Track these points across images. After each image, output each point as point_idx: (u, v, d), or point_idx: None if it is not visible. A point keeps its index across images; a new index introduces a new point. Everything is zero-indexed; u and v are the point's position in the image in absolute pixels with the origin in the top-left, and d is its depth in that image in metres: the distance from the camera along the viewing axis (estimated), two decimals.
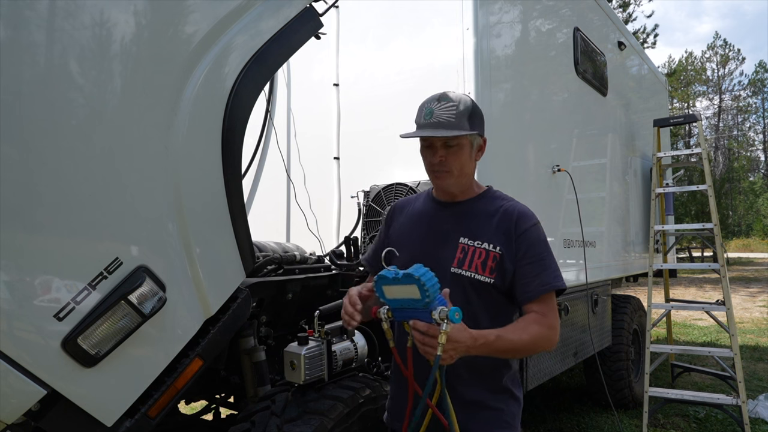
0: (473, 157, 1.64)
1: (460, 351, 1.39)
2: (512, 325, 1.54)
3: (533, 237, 1.58)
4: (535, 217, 1.61)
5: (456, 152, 1.59)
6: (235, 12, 1.70)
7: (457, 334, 1.36)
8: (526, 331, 1.51)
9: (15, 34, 1.28)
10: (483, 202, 1.66)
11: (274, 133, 3.29)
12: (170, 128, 1.54)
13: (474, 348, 1.42)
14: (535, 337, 1.51)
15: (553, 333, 1.55)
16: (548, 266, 1.57)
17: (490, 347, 1.45)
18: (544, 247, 1.59)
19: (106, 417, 1.43)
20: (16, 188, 1.28)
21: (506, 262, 1.57)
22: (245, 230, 1.76)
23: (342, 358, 1.86)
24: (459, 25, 2.75)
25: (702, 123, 4.99)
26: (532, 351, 1.57)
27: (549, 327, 1.54)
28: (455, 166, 1.60)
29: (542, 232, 1.61)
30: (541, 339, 1.53)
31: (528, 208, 1.64)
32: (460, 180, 1.63)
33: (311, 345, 1.80)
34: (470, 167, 1.65)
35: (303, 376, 1.75)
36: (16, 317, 1.29)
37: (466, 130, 1.56)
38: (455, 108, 1.57)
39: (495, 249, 1.57)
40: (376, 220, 2.81)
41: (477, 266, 1.57)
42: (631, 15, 22.41)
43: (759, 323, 9.66)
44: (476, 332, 1.42)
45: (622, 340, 4.65)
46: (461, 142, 1.59)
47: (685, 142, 36.16)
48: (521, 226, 1.58)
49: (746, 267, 24.41)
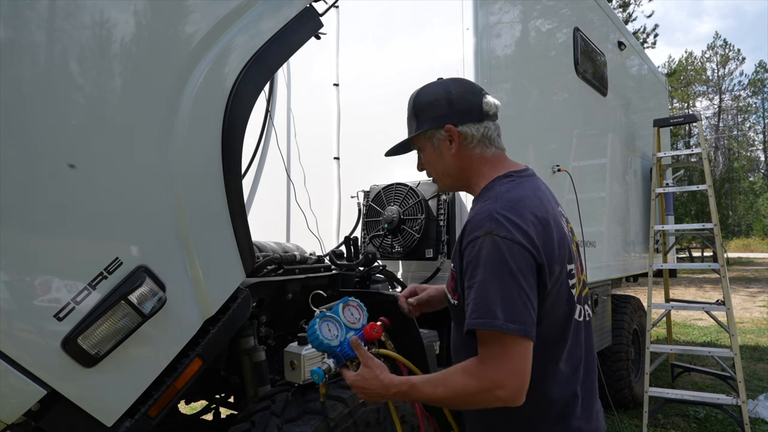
0: (443, 153, 1.40)
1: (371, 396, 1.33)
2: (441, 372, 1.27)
3: (470, 255, 1.22)
4: (485, 226, 1.21)
5: (423, 156, 1.46)
6: (235, 12, 1.70)
7: (360, 381, 1.31)
8: (446, 383, 1.21)
9: (15, 34, 1.28)
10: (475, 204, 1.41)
11: (274, 133, 3.29)
12: (170, 128, 1.54)
13: (387, 396, 1.31)
14: (459, 391, 1.19)
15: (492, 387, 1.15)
16: (474, 297, 1.18)
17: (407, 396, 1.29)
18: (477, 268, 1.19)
19: (106, 417, 1.43)
20: (16, 188, 1.28)
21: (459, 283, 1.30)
22: (245, 230, 1.76)
23: None
24: (459, 25, 2.75)
25: (702, 123, 4.99)
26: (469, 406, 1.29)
27: (481, 379, 1.16)
28: (430, 169, 1.48)
29: (486, 245, 1.19)
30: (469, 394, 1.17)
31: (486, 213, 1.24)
32: (444, 180, 1.47)
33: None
34: (447, 164, 1.41)
35: (303, 376, 1.75)
36: (16, 317, 1.29)
37: (411, 133, 1.45)
38: (407, 112, 1.47)
39: (453, 266, 1.35)
40: (376, 220, 2.81)
41: (448, 285, 1.41)
42: (631, 15, 22.42)
43: (759, 323, 9.66)
44: (389, 380, 1.28)
45: (622, 340, 4.65)
46: (418, 145, 1.46)
47: (685, 142, 36.16)
48: (465, 239, 1.26)
49: (746, 267, 24.41)
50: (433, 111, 1.39)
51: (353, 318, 1.46)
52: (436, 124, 1.39)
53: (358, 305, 1.50)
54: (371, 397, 1.33)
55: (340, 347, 1.40)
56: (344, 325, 1.44)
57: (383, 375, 1.30)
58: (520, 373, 1.16)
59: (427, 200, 2.65)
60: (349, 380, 1.34)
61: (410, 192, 2.70)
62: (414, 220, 2.65)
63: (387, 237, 2.76)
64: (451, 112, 1.38)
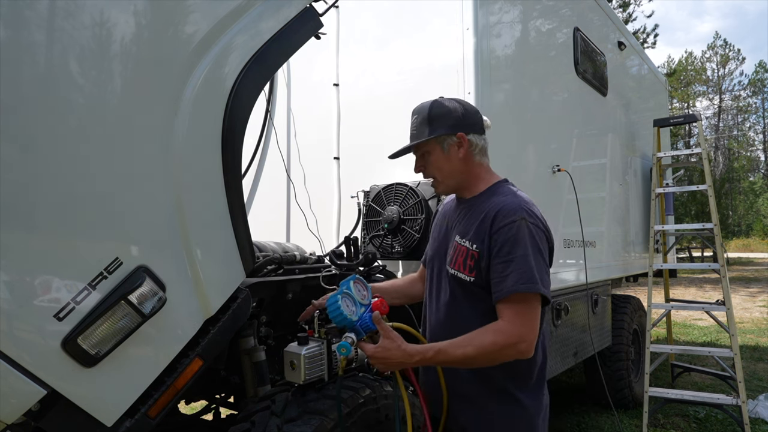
0: (451, 157, 1.62)
1: (392, 365, 1.49)
2: (465, 335, 1.46)
3: (507, 235, 1.47)
4: (519, 214, 1.50)
5: (429, 160, 1.65)
6: (235, 12, 1.70)
7: (381, 352, 1.46)
8: (474, 344, 1.42)
9: (15, 34, 1.28)
10: (484, 198, 1.63)
11: (274, 133, 3.29)
12: (170, 128, 1.54)
13: (410, 363, 1.48)
14: (487, 348, 1.41)
15: (514, 340, 1.42)
16: (518, 267, 1.44)
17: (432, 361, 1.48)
18: (519, 246, 1.46)
19: (106, 417, 1.43)
20: (16, 188, 1.28)
21: (482, 261, 1.52)
22: (245, 230, 1.76)
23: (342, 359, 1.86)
24: (459, 25, 2.75)
25: (702, 123, 4.99)
26: (487, 363, 1.48)
27: (506, 335, 1.42)
28: (434, 171, 1.65)
29: (524, 228, 1.48)
30: (494, 351, 1.42)
31: (516, 203, 1.53)
32: (447, 183, 1.67)
33: (311, 345, 1.80)
34: (453, 168, 1.64)
35: (303, 376, 1.75)
36: (16, 317, 1.29)
37: (423, 137, 1.61)
38: (417, 119, 1.65)
39: (472, 247, 1.55)
40: (376, 220, 2.81)
41: (460, 264, 1.58)
42: (631, 15, 22.42)
43: (759, 323, 9.66)
44: (412, 348, 1.46)
45: (622, 340, 4.65)
46: (427, 149, 1.64)
47: (685, 142, 36.16)
48: (497, 223, 1.50)
49: (746, 267, 24.41)
50: (447, 120, 1.62)
51: (361, 294, 1.59)
52: (450, 131, 1.61)
53: (363, 282, 1.62)
54: (392, 366, 1.49)
55: (360, 321, 1.51)
56: (357, 301, 1.55)
57: (404, 344, 1.46)
58: (536, 329, 1.48)
59: (427, 200, 2.65)
60: (369, 352, 1.48)
61: (410, 192, 2.70)
62: (414, 220, 2.65)
63: (387, 237, 2.76)
64: (464, 123, 1.62)
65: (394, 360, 1.45)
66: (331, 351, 1.83)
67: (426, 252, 1.99)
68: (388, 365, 1.48)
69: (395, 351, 1.45)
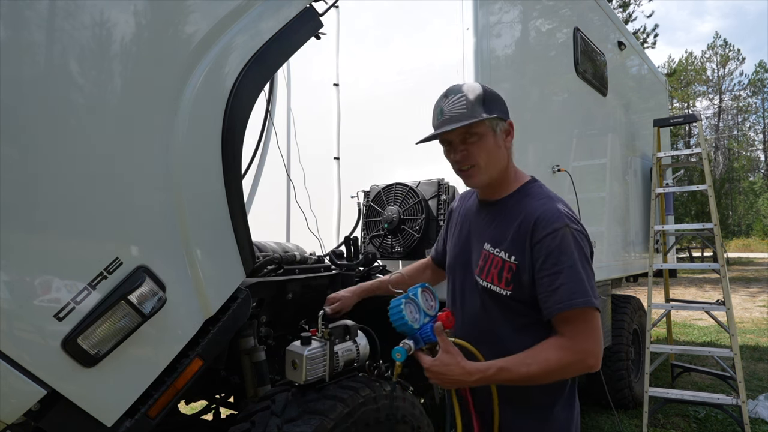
0: (500, 144, 1.47)
1: (448, 383, 1.38)
2: (525, 352, 1.35)
3: (552, 245, 1.36)
4: (562, 220, 1.38)
5: (477, 143, 1.44)
6: (235, 12, 1.70)
7: (439, 366, 1.36)
8: (538, 360, 1.33)
9: (15, 34, 1.28)
10: (514, 201, 1.49)
11: (274, 133, 3.29)
12: (170, 128, 1.54)
13: (468, 382, 1.37)
14: (552, 365, 1.32)
15: (582, 356, 1.34)
16: (569, 279, 1.33)
17: (492, 380, 1.37)
18: (565, 256, 1.35)
19: (106, 417, 1.43)
20: (16, 188, 1.28)
21: (523, 274, 1.40)
22: (245, 230, 1.76)
23: (344, 359, 1.86)
24: (459, 24, 2.75)
25: (702, 123, 4.99)
26: (553, 379, 1.39)
27: (575, 352, 1.33)
28: (480, 157, 1.45)
29: (568, 237, 1.36)
30: (562, 366, 1.33)
31: (556, 209, 1.40)
32: (490, 173, 1.48)
33: (314, 345, 1.79)
34: (499, 156, 1.47)
35: (304, 376, 1.75)
36: (16, 317, 1.29)
37: (479, 116, 1.41)
38: (464, 98, 1.45)
39: (510, 259, 1.42)
40: (376, 220, 2.81)
41: (493, 276, 1.45)
42: (631, 15, 22.41)
43: (759, 323, 9.66)
44: (472, 366, 1.36)
45: (622, 340, 4.65)
46: (479, 131, 1.44)
47: (685, 142, 36.16)
48: (539, 232, 1.38)
49: (746, 267, 24.41)
50: (500, 105, 1.50)
51: (427, 304, 1.50)
52: (505, 116, 1.49)
53: (432, 292, 1.53)
54: (447, 383, 1.39)
55: (421, 331, 1.43)
56: (423, 310, 1.47)
57: (464, 362, 1.37)
58: (602, 342, 1.39)
59: (427, 200, 2.65)
60: (426, 364, 1.39)
61: (410, 192, 2.70)
62: (414, 220, 2.65)
63: (387, 237, 2.76)
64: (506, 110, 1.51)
65: (452, 377, 1.36)
66: (333, 352, 1.83)
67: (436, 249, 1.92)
68: (443, 381, 1.38)
69: (454, 367, 1.35)
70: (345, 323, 1.90)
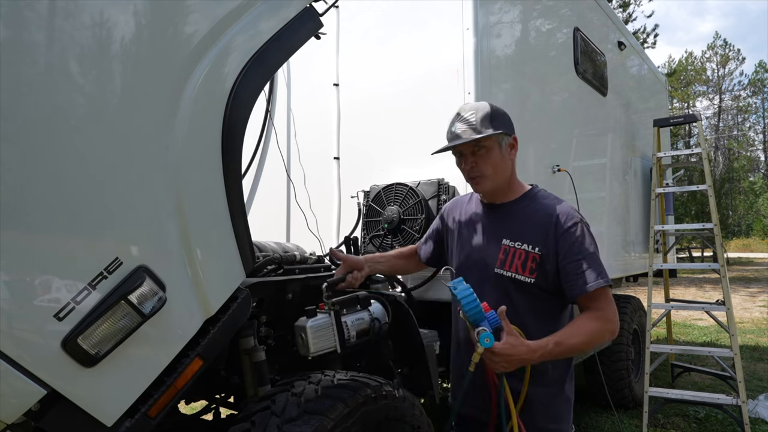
0: (505, 156, 1.70)
1: (514, 363, 1.51)
2: (568, 327, 1.60)
3: (575, 236, 1.61)
4: (577, 216, 1.66)
5: (485, 155, 1.68)
6: (234, 12, 1.70)
7: (508, 349, 1.49)
8: (583, 331, 1.57)
9: (15, 34, 1.28)
10: (525, 203, 1.73)
11: (274, 133, 3.29)
12: (170, 128, 1.54)
13: (532, 359, 1.53)
14: (593, 334, 1.58)
15: (612, 325, 1.60)
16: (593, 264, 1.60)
17: (551, 355, 1.54)
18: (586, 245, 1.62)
19: (106, 417, 1.43)
20: (15, 188, 1.28)
21: (546, 263, 1.63)
22: (245, 230, 1.76)
23: (355, 329, 1.84)
24: (459, 24, 2.75)
25: (702, 123, 4.99)
26: (592, 347, 1.64)
27: (606, 320, 1.60)
28: (487, 168, 1.69)
29: (585, 229, 1.64)
30: (600, 334, 1.59)
31: (569, 207, 1.68)
32: (496, 181, 1.71)
33: (318, 317, 1.80)
34: (504, 167, 1.70)
35: (311, 349, 1.74)
36: (16, 317, 1.29)
37: (488, 131, 1.64)
38: (474, 115, 1.67)
39: (534, 250, 1.64)
40: (376, 220, 2.81)
41: (517, 267, 1.66)
42: (631, 15, 22.41)
43: (759, 323, 9.66)
44: (534, 344, 1.52)
45: (622, 340, 4.65)
46: (487, 144, 1.67)
47: (685, 142, 36.16)
48: (561, 226, 1.63)
49: (746, 267, 24.40)
50: (506, 121, 1.70)
51: None
52: (510, 131, 1.70)
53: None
54: (514, 363, 1.52)
55: (488, 317, 1.52)
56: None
57: (527, 341, 1.52)
58: None
59: (427, 200, 2.65)
60: (497, 348, 1.49)
61: (410, 192, 2.70)
62: (414, 220, 2.65)
63: (387, 237, 2.76)
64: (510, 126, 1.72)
65: (519, 356, 1.49)
66: (341, 322, 1.82)
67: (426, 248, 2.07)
68: (510, 362, 1.51)
69: (520, 347, 1.49)
70: (356, 293, 1.89)
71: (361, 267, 1.97)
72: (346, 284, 1.94)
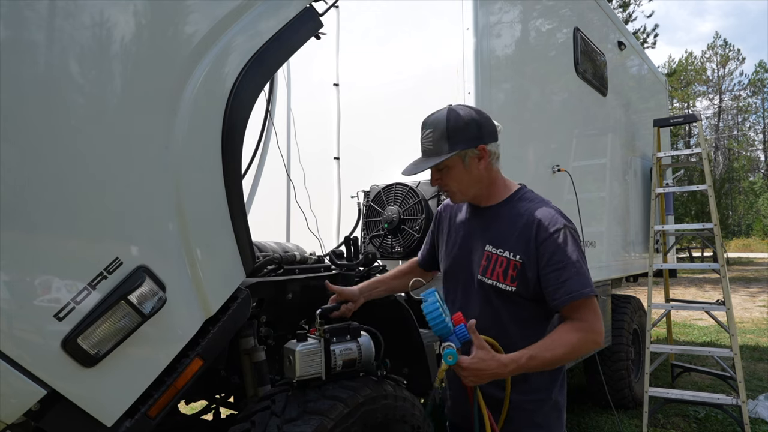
0: (471, 170, 1.60)
1: (484, 378, 1.45)
2: (547, 338, 1.50)
3: (555, 244, 1.51)
4: (560, 221, 1.54)
5: (448, 174, 1.61)
6: (234, 12, 1.70)
7: (477, 363, 1.43)
8: (561, 343, 1.48)
9: (15, 34, 1.28)
10: (510, 207, 1.63)
11: (274, 133, 3.29)
12: (170, 128, 1.54)
13: (504, 374, 1.46)
14: (574, 345, 1.48)
15: (595, 335, 1.51)
16: (575, 273, 1.50)
17: (525, 368, 1.47)
18: (568, 253, 1.51)
19: (106, 417, 1.43)
20: (15, 188, 1.28)
21: (528, 271, 1.54)
22: (245, 230, 1.76)
23: (342, 358, 1.86)
24: (459, 24, 2.75)
25: (702, 123, 4.99)
26: (572, 358, 1.53)
27: (588, 331, 1.50)
28: (452, 185, 1.63)
29: (568, 236, 1.53)
30: (581, 345, 1.50)
31: (553, 212, 1.57)
32: (467, 194, 1.65)
33: (308, 342, 1.80)
34: (472, 180, 1.61)
35: (297, 373, 1.76)
36: (16, 317, 1.29)
37: (444, 154, 1.56)
38: (431, 135, 1.59)
39: (515, 258, 1.55)
40: (376, 220, 2.81)
41: (498, 274, 1.57)
42: (631, 15, 22.41)
43: (759, 323, 9.66)
44: (506, 358, 1.45)
45: (622, 340, 4.65)
46: (447, 164, 1.59)
47: (685, 142, 36.16)
48: (542, 232, 1.53)
49: (746, 267, 24.41)
50: (467, 133, 1.58)
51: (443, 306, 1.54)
52: (470, 144, 1.58)
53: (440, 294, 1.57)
54: (485, 378, 1.45)
55: (457, 331, 1.47)
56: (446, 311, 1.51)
57: (498, 355, 1.46)
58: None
59: (427, 200, 2.65)
60: (466, 363, 1.44)
61: (410, 192, 2.70)
62: (414, 220, 2.65)
63: (387, 237, 2.76)
64: (482, 134, 1.59)
65: (489, 371, 1.44)
66: (329, 350, 1.84)
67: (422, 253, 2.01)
68: (481, 377, 1.45)
69: (490, 362, 1.43)
70: (348, 323, 1.90)
71: (356, 298, 1.93)
72: (339, 314, 1.90)
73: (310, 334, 1.86)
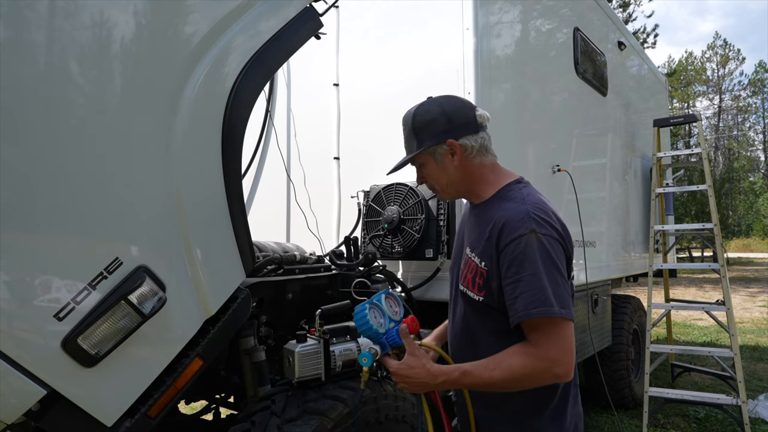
0: (445, 166, 1.48)
1: (414, 386, 1.37)
2: (491, 357, 1.32)
3: (514, 252, 1.31)
4: (526, 226, 1.32)
5: (425, 171, 1.52)
6: (234, 12, 1.70)
7: (405, 369, 1.35)
8: (502, 366, 1.29)
9: (15, 34, 1.28)
10: (492, 205, 1.46)
11: (274, 133, 3.29)
12: (170, 128, 1.54)
13: (433, 385, 1.36)
14: (516, 372, 1.27)
15: (548, 364, 1.27)
16: (528, 288, 1.28)
17: (457, 384, 1.35)
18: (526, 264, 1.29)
19: (106, 417, 1.43)
20: (16, 188, 1.28)
21: (492, 281, 1.37)
22: (245, 230, 1.76)
23: (341, 359, 1.86)
24: (459, 24, 2.75)
25: (702, 123, 4.99)
26: (517, 387, 1.33)
27: (537, 358, 1.27)
28: (432, 181, 1.54)
29: (533, 243, 1.30)
30: (527, 374, 1.28)
31: (524, 213, 1.35)
32: (449, 191, 1.54)
33: (308, 343, 1.80)
34: (450, 176, 1.49)
35: (296, 374, 1.76)
36: (16, 317, 1.29)
37: (412, 151, 1.49)
38: (405, 131, 1.52)
39: (481, 264, 1.39)
40: (376, 220, 2.81)
41: (469, 281, 1.44)
42: (631, 15, 22.41)
43: (759, 323, 9.66)
44: (437, 369, 1.35)
45: (622, 340, 4.65)
46: (420, 161, 1.51)
47: (685, 142, 36.16)
48: (503, 239, 1.33)
49: (746, 267, 24.41)
50: (433, 128, 1.46)
51: (392, 310, 1.50)
52: (438, 140, 1.46)
53: (396, 298, 1.53)
54: (414, 386, 1.37)
55: (387, 335, 1.44)
56: (387, 315, 1.47)
57: (429, 364, 1.35)
58: (571, 351, 1.30)
59: (427, 200, 2.65)
60: (393, 368, 1.37)
61: (410, 192, 2.70)
62: (414, 220, 2.65)
63: (387, 237, 2.76)
64: (451, 128, 1.46)
65: (418, 379, 1.34)
66: (329, 351, 1.83)
67: None
68: (410, 385, 1.36)
69: (419, 370, 1.33)
70: (348, 324, 1.90)
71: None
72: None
73: (309, 335, 1.86)
